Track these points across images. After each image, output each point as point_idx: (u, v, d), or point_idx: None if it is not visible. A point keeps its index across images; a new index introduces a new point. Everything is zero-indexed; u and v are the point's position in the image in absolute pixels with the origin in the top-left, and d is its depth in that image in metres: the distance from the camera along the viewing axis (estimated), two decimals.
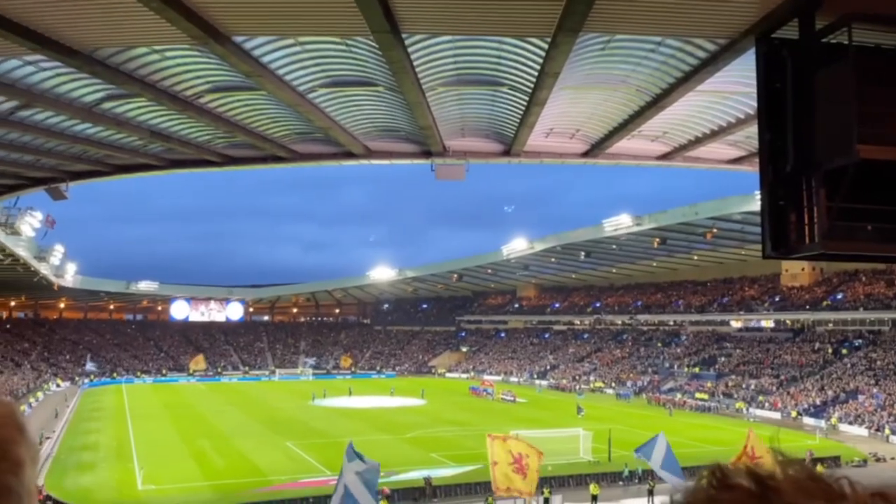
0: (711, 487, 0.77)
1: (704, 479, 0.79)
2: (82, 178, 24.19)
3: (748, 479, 0.76)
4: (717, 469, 0.78)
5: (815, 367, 59.97)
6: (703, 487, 0.78)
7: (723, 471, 0.78)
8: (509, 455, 25.40)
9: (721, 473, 0.77)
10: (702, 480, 0.79)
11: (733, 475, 0.77)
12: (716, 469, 0.79)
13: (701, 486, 0.78)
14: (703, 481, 0.78)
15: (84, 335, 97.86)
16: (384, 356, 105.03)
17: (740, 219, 53.36)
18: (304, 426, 49.98)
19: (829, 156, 8.93)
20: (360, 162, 21.69)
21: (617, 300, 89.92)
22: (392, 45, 12.67)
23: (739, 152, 20.05)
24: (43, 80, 15.82)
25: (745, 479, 0.76)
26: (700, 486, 0.78)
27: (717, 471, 0.78)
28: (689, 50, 13.16)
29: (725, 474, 0.77)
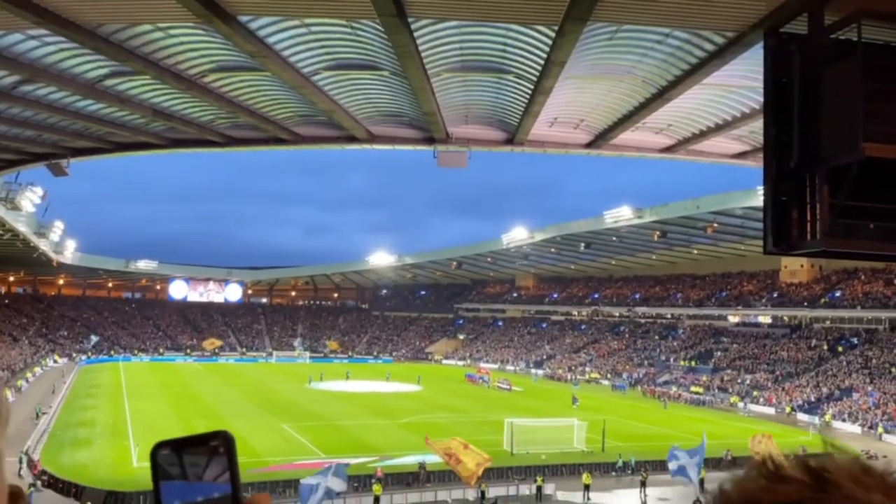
0: (763, 478, 0.75)
1: (755, 470, 0.77)
2: (84, 155, 24.12)
3: (802, 471, 0.74)
4: (768, 461, 0.77)
5: (810, 364, 60.16)
6: (755, 478, 0.76)
7: (775, 463, 0.76)
8: (446, 457, 27.57)
9: (774, 465, 0.76)
10: (752, 472, 0.77)
11: (785, 467, 0.75)
12: (767, 461, 0.77)
13: (752, 477, 0.76)
14: (754, 472, 0.76)
15: (82, 312, 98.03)
16: (381, 341, 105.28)
17: (741, 214, 53.30)
18: (300, 408, 50.18)
19: (834, 153, 8.90)
20: (362, 146, 21.63)
21: (615, 292, 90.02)
22: (398, 29, 12.59)
23: (743, 147, 19.99)
24: (46, 54, 15.74)
25: (800, 471, 0.74)
26: (751, 476, 0.76)
27: (769, 462, 0.76)
28: (697, 42, 13.09)
29: (778, 466, 0.76)
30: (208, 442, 0.92)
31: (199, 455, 0.90)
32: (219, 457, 0.91)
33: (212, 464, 0.91)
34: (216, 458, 0.91)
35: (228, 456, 0.91)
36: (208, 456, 0.91)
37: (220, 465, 0.91)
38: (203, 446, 0.91)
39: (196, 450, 0.90)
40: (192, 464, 0.90)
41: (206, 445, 0.92)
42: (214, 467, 0.90)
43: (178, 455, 0.90)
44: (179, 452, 0.90)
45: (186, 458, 0.90)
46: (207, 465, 0.90)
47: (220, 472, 0.90)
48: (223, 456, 0.91)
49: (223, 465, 0.90)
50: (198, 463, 0.90)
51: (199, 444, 0.91)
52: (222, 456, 0.91)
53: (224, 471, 0.90)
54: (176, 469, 0.90)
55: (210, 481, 0.90)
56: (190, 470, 0.90)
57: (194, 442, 0.91)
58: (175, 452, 0.90)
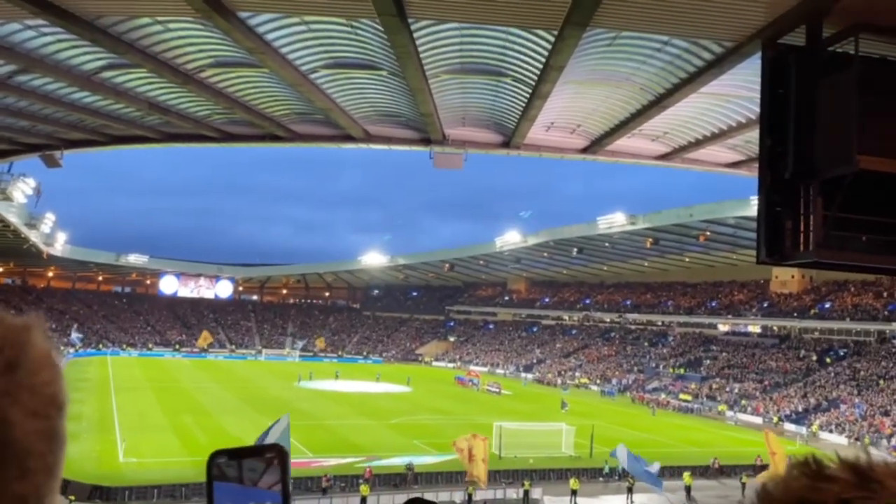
0: (806, 478, 0.74)
1: (797, 469, 0.75)
2: (77, 147, 23.99)
3: (847, 471, 0.73)
4: (811, 460, 0.76)
5: (798, 375, 60.45)
6: (798, 477, 0.74)
7: (818, 462, 0.75)
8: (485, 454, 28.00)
9: (816, 465, 0.75)
10: (794, 471, 0.76)
11: (828, 466, 0.75)
12: (810, 460, 0.76)
13: (795, 477, 0.75)
14: (796, 471, 0.75)
15: (71, 305, 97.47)
16: (372, 341, 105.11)
17: (734, 223, 53.56)
18: (288, 407, 49.87)
19: (829, 165, 8.96)
20: (358, 146, 21.61)
21: (606, 298, 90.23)
22: (398, 29, 12.60)
23: (738, 156, 20.08)
24: (43, 45, 15.65)
25: (844, 471, 0.73)
26: (793, 475, 0.75)
27: (811, 462, 0.76)
28: (695, 51, 13.15)
29: (821, 465, 0.75)
30: (264, 453, 0.96)
31: (255, 463, 0.95)
32: (274, 468, 0.95)
33: (268, 473, 0.95)
34: (272, 468, 0.95)
35: (282, 468, 0.95)
36: (265, 465, 0.95)
37: (275, 475, 0.95)
38: (259, 456, 0.96)
39: (254, 459, 0.95)
40: (250, 469, 0.94)
41: (262, 456, 0.96)
42: (270, 476, 0.95)
43: (237, 461, 0.94)
44: (236, 459, 0.95)
45: (245, 464, 0.94)
46: (264, 473, 0.95)
47: (274, 482, 0.94)
48: (278, 468, 0.95)
49: (278, 475, 0.94)
50: (255, 469, 0.94)
51: (255, 455, 0.96)
52: (277, 467, 0.95)
53: (278, 481, 0.95)
54: (233, 472, 0.94)
55: (264, 488, 0.94)
56: (247, 475, 0.94)
57: (251, 453, 0.96)
58: (232, 459, 0.95)
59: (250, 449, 0.95)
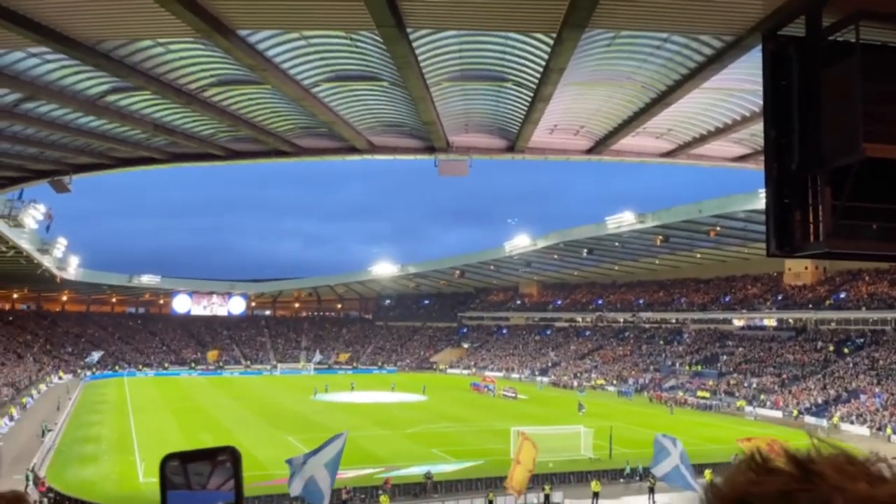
0: (752, 472, 0.76)
1: (743, 463, 0.77)
2: (85, 171, 24.21)
3: (789, 463, 0.75)
4: (756, 454, 0.78)
5: (817, 367, 59.90)
6: (744, 471, 0.76)
7: (762, 456, 0.77)
8: (532, 462, 26.46)
9: (761, 458, 0.77)
10: (741, 465, 0.77)
11: (773, 460, 0.76)
12: (755, 454, 0.78)
13: (741, 471, 0.76)
14: (743, 465, 0.77)
15: (86, 328, 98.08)
16: (385, 351, 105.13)
17: (744, 217, 53.25)
18: (305, 420, 50.07)
19: (835, 154, 8.90)
20: (363, 157, 21.68)
21: (619, 297, 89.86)
22: (397, 39, 12.65)
23: (744, 150, 20.00)
24: (47, 72, 15.82)
25: (786, 463, 0.75)
26: (740, 470, 0.77)
27: (756, 455, 0.78)
28: (695, 47, 13.12)
29: (765, 459, 0.76)
30: (216, 456, 0.93)
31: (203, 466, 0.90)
32: (224, 468, 0.91)
33: (215, 474, 0.91)
34: (220, 468, 0.91)
35: (234, 468, 0.92)
36: (212, 467, 0.90)
37: (223, 474, 0.91)
38: (210, 459, 0.91)
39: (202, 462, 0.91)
40: (196, 473, 0.90)
41: (213, 459, 0.92)
42: (218, 477, 0.91)
43: (183, 466, 0.90)
44: (185, 464, 0.90)
45: (191, 468, 0.91)
46: (211, 475, 0.90)
47: (223, 482, 0.90)
48: (230, 468, 0.92)
49: (227, 474, 0.91)
50: (201, 472, 0.91)
51: (206, 458, 0.92)
52: (229, 468, 0.92)
53: (228, 480, 0.90)
54: (180, 479, 0.91)
55: (213, 490, 0.89)
56: (194, 479, 0.90)
57: (202, 456, 0.93)
58: (181, 464, 0.90)
59: (203, 452, 0.92)
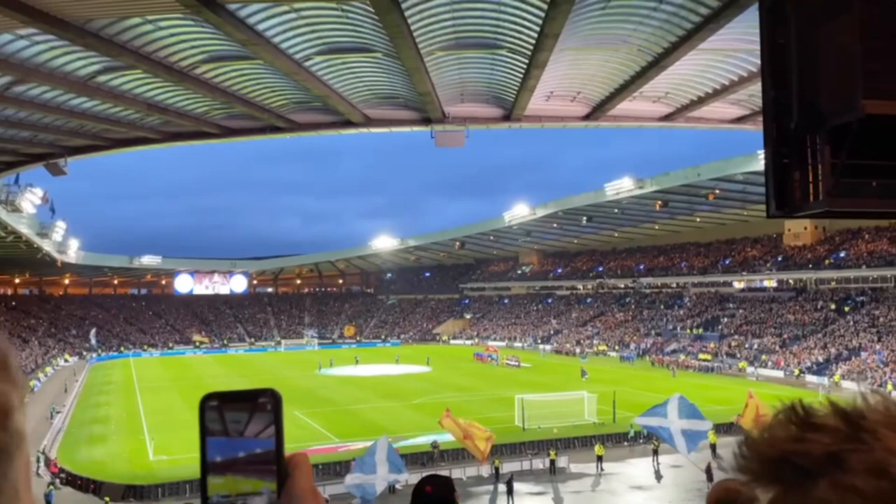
0: (794, 425, 0.66)
1: (784, 416, 0.68)
2: (80, 153, 24.09)
3: (836, 417, 0.65)
4: (798, 406, 0.68)
5: (817, 326, 60.25)
6: (784, 425, 0.67)
7: (805, 408, 0.68)
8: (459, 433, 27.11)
9: (805, 411, 0.67)
10: (781, 418, 0.68)
11: (817, 413, 0.67)
12: (797, 406, 0.68)
13: (781, 425, 0.67)
14: (783, 418, 0.67)
15: (90, 310, 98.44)
16: (388, 325, 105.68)
17: (742, 179, 53.09)
18: (311, 395, 50.50)
19: (835, 112, 8.82)
20: (359, 130, 21.55)
21: (619, 264, 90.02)
22: (389, 9, 12.48)
23: (742, 111, 19.87)
24: (37, 53, 15.65)
25: (834, 418, 0.65)
26: (780, 424, 0.67)
27: (799, 408, 0.68)
28: (692, 7, 12.96)
29: (809, 412, 0.67)
30: (256, 398, 0.90)
31: (241, 411, 0.89)
32: (264, 413, 0.89)
33: (253, 420, 0.89)
34: (260, 413, 0.89)
35: (275, 413, 0.89)
36: (251, 412, 0.89)
37: (263, 420, 0.89)
38: (249, 402, 0.90)
39: (240, 405, 0.89)
40: (234, 420, 0.88)
41: (252, 401, 0.90)
42: (257, 423, 0.89)
43: (220, 411, 0.89)
44: (222, 408, 0.89)
45: (228, 415, 0.88)
46: (249, 420, 0.89)
47: (262, 428, 0.88)
48: (269, 413, 0.89)
49: (267, 420, 0.88)
50: (239, 419, 0.88)
51: (245, 400, 0.90)
52: (269, 413, 0.89)
53: (268, 426, 0.89)
54: (218, 425, 0.88)
55: (252, 437, 0.88)
56: (231, 426, 0.88)
57: (241, 397, 0.90)
58: (219, 408, 0.89)
59: (242, 393, 0.89)
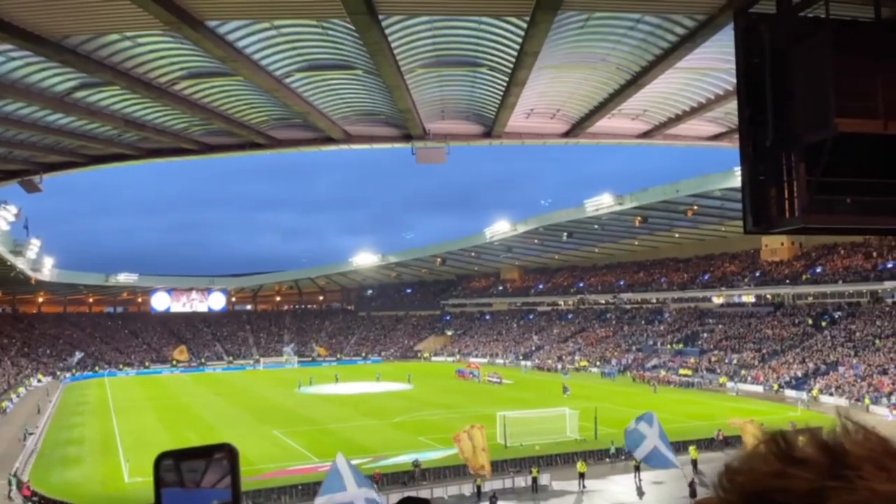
0: (776, 459, 0.64)
1: (765, 449, 0.66)
2: (56, 170, 23.76)
3: (818, 451, 0.63)
4: (780, 438, 0.66)
5: (795, 340, 60.90)
6: (766, 460, 0.65)
7: (787, 441, 0.65)
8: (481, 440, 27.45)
9: (786, 443, 0.65)
10: (761, 451, 0.66)
11: (798, 446, 0.64)
12: (779, 438, 0.66)
13: (763, 459, 0.65)
14: (764, 451, 0.65)
15: (64, 329, 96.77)
16: (369, 342, 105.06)
17: (720, 195, 53.76)
18: (290, 414, 49.94)
19: (808, 130, 8.96)
20: (339, 147, 21.51)
21: (600, 280, 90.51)
22: (369, 26, 12.51)
23: (719, 129, 20.14)
24: (12, 69, 15.45)
25: (815, 452, 0.63)
26: (761, 457, 0.65)
27: (780, 440, 0.66)
28: (668, 27, 13.14)
29: (791, 445, 0.65)
30: (212, 454, 0.90)
31: (198, 464, 0.88)
32: (220, 466, 0.88)
33: (210, 471, 0.88)
34: (216, 466, 0.88)
35: (231, 466, 0.89)
36: (207, 464, 0.88)
37: (220, 472, 0.88)
38: (205, 457, 0.89)
39: (197, 459, 0.88)
40: (191, 470, 0.87)
41: (208, 457, 0.89)
42: (213, 474, 0.88)
43: (177, 464, 0.87)
44: (179, 462, 0.88)
45: (184, 466, 0.87)
46: (206, 472, 0.88)
47: (218, 479, 0.87)
48: (227, 466, 0.89)
49: (223, 471, 0.88)
50: (196, 470, 0.87)
51: (202, 456, 0.89)
52: (226, 466, 0.89)
53: (224, 477, 0.88)
54: (174, 476, 0.87)
55: (208, 488, 0.87)
56: (188, 477, 0.87)
57: (198, 453, 0.89)
58: (175, 462, 0.88)
59: (198, 449, 0.88)
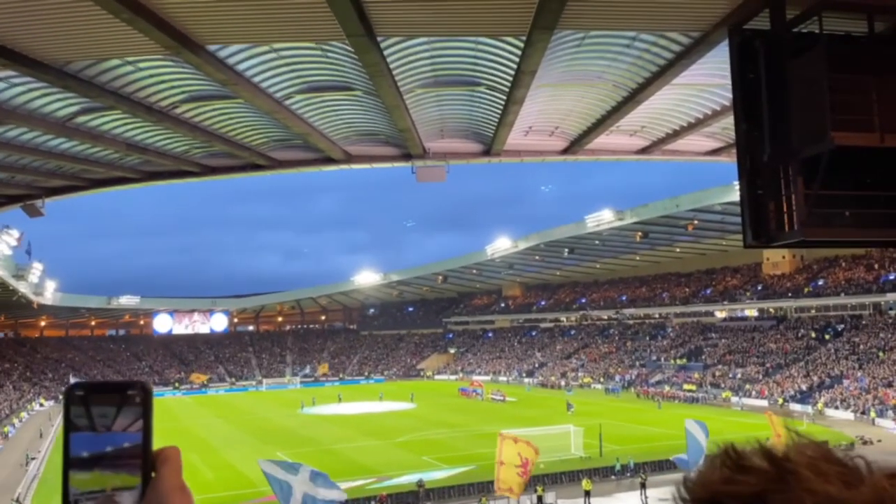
0: (726, 468, 0.72)
1: (717, 459, 0.74)
2: (58, 194, 23.88)
3: (764, 460, 0.71)
4: (731, 449, 0.74)
5: (799, 354, 60.64)
6: (718, 468, 0.73)
7: (737, 451, 0.74)
8: (518, 458, 25.82)
9: (735, 454, 0.73)
10: (714, 461, 0.74)
11: (748, 456, 0.73)
12: (730, 449, 0.74)
13: (715, 468, 0.73)
14: (717, 461, 0.74)
15: (66, 353, 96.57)
16: (372, 361, 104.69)
17: (721, 209, 53.84)
18: (293, 435, 49.66)
19: (805, 144, 8.99)
20: (340, 167, 21.62)
21: (602, 295, 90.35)
22: (368, 48, 12.64)
23: (717, 143, 20.23)
24: (14, 95, 15.59)
25: (762, 460, 0.71)
26: (714, 467, 0.74)
27: (731, 451, 0.74)
28: (664, 44, 13.26)
29: (740, 455, 0.73)
30: (125, 390, 0.86)
31: (109, 405, 0.85)
32: (133, 407, 0.86)
33: (122, 414, 0.85)
34: (129, 407, 0.86)
35: (144, 407, 0.86)
36: (119, 405, 0.86)
37: (132, 414, 0.85)
38: (117, 394, 0.86)
39: (107, 398, 0.85)
40: (101, 414, 0.85)
41: (121, 394, 0.86)
42: (125, 417, 0.85)
43: (86, 404, 0.85)
44: (88, 401, 0.85)
45: (94, 410, 0.85)
46: (117, 414, 0.85)
47: (130, 422, 0.85)
48: (138, 406, 0.86)
49: (136, 414, 0.85)
50: (106, 413, 0.85)
51: (114, 391, 0.86)
52: (138, 406, 0.86)
53: (136, 420, 0.85)
54: (83, 420, 0.84)
55: (119, 431, 0.85)
56: (98, 421, 0.85)
57: (109, 388, 0.86)
58: (85, 400, 0.85)
59: (111, 384, 0.86)
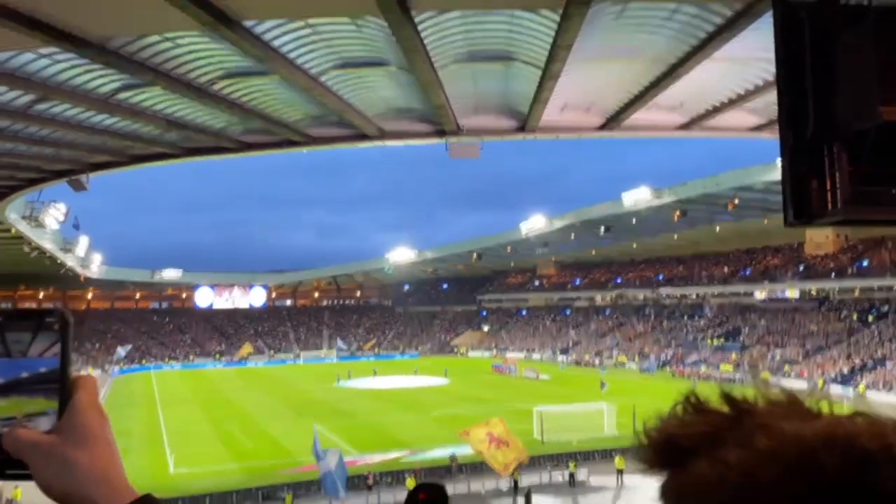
0: (685, 412, 0.73)
1: (678, 406, 0.74)
2: (101, 169, 24.46)
3: (723, 402, 0.71)
4: (691, 395, 0.74)
5: (841, 336, 59.30)
6: (676, 413, 0.74)
7: (697, 396, 0.74)
8: (486, 439, 26.92)
9: (696, 399, 0.74)
10: (675, 407, 0.74)
11: (708, 401, 0.73)
12: (690, 395, 0.74)
13: (673, 413, 0.74)
14: (677, 407, 0.74)
15: (112, 324, 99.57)
16: (406, 337, 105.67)
17: (762, 188, 52.57)
18: (329, 407, 50.57)
19: (851, 119, 8.72)
20: (374, 143, 21.68)
21: (638, 274, 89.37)
22: (402, 23, 12.58)
23: (759, 120, 19.72)
24: (58, 72, 15.96)
25: (721, 403, 0.72)
26: (673, 412, 0.74)
27: (691, 397, 0.74)
28: (706, 16, 12.93)
29: (700, 399, 0.73)
30: (43, 317, 0.85)
31: (25, 331, 0.84)
32: (50, 332, 0.84)
33: (38, 339, 0.83)
34: (45, 333, 0.84)
35: (62, 333, 0.84)
36: (35, 331, 0.84)
37: (49, 340, 0.84)
38: (35, 321, 0.84)
39: (23, 324, 0.84)
40: (17, 340, 0.83)
41: (38, 320, 0.84)
42: (41, 343, 0.83)
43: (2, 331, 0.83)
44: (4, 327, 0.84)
45: (10, 336, 0.83)
46: (33, 340, 0.83)
47: (47, 347, 0.83)
48: (56, 332, 0.84)
49: (53, 339, 0.83)
50: (22, 340, 0.83)
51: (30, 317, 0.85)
52: (55, 332, 0.84)
53: (53, 345, 0.83)
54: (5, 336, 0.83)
55: (36, 357, 0.83)
56: (14, 346, 0.83)
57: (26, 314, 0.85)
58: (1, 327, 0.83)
59: (27, 311, 0.84)
